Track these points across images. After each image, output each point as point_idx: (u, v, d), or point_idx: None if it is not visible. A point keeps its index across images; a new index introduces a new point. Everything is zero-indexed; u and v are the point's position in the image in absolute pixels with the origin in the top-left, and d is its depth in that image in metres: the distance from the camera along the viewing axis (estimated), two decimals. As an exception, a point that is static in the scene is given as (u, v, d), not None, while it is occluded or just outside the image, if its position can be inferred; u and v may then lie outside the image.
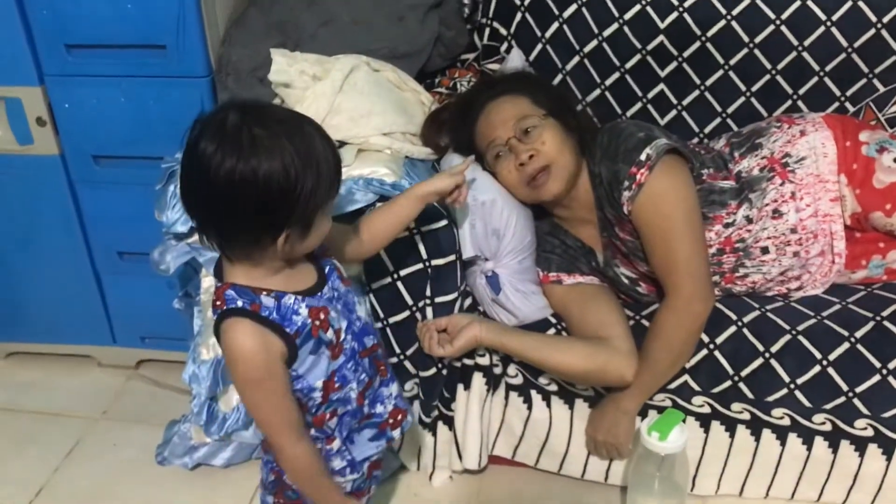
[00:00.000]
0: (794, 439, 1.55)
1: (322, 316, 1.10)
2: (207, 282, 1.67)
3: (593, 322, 1.53)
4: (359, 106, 1.55)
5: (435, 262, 1.50)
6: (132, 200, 1.82)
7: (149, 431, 1.87)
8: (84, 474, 1.80)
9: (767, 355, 1.51)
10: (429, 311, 1.53)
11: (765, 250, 1.55)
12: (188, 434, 1.75)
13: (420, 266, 1.50)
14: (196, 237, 1.58)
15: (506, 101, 1.55)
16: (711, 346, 1.52)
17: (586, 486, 1.69)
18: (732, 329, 1.52)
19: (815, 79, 1.81)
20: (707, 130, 1.89)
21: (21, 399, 2.04)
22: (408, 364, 1.58)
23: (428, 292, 1.52)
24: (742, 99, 1.86)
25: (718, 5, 1.80)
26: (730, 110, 1.87)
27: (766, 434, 1.55)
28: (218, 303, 1.07)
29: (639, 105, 1.90)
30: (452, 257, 1.51)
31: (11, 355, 2.18)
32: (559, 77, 1.90)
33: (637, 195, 1.44)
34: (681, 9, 1.81)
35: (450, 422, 1.65)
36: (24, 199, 1.89)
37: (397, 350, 1.57)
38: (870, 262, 1.61)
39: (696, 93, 1.87)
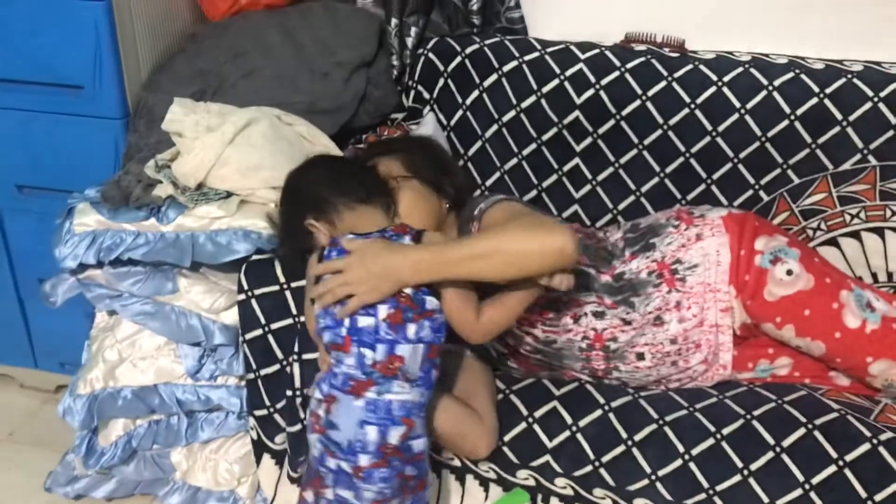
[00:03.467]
0: (658, 532, 1.51)
1: None
2: (100, 317, 1.72)
3: (464, 390, 1.52)
4: (248, 159, 1.58)
5: (303, 317, 1.51)
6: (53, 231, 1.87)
7: (48, 457, 1.89)
8: (-30, 494, 1.84)
9: (630, 443, 1.47)
10: (296, 367, 1.54)
11: (640, 356, 1.52)
12: (72, 464, 1.78)
13: (290, 321, 1.52)
14: (87, 273, 1.63)
15: (379, 162, 1.57)
16: (574, 429, 1.49)
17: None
18: (598, 413, 1.50)
19: (729, 165, 1.80)
20: (621, 207, 1.88)
21: (-65, 413, 2.09)
22: (277, 417, 1.59)
23: (296, 348, 1.53)
24: (656, 179, 1.85)
25: (634, 85, 1.81)
26: (644, 189, 1.86)
27: (631, 524, 1.52)
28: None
29: (554, 177, 1.90)
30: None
31: (-60, 369, 2.23)
32: (478, 144, 1.92)
33: None
34: (597, 86, 1.82)
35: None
36: (-49, 222, 1.96)
37: (267, 403, 1.58)
38: (756, 366, 1.57)
39: (611, 169, 1.87)
